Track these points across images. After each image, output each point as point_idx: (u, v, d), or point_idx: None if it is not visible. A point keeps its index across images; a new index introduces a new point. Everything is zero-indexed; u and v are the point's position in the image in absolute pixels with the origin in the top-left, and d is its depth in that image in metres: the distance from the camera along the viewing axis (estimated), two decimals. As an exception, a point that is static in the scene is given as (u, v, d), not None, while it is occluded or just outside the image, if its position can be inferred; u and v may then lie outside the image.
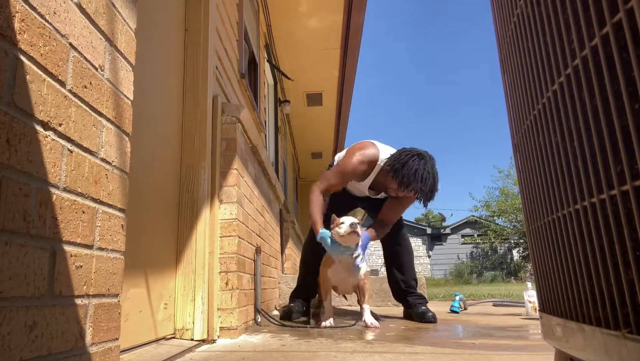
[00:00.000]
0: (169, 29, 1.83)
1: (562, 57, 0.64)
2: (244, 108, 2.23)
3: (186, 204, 1.85)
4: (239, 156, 2.11)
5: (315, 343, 1.80)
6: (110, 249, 0.87)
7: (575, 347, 0.69)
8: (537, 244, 0.86)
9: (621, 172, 0.51)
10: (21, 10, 0.64)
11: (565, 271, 0.71)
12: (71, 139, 0.75)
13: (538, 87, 0.75)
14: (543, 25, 0.71)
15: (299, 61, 5.65)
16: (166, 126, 1.76)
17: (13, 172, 0.61)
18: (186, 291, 1.76)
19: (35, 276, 0.64)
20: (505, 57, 0.95)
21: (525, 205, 0.92)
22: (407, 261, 2.85)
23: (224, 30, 2.49)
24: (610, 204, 0.54)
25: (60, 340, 0.69)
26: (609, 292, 0.56)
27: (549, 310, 0.82)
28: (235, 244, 1.97)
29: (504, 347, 1.70)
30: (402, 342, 1.83)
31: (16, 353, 0.59)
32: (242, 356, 1.51)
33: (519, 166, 0.94)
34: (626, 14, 0.48)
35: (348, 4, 4.54)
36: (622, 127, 0.50)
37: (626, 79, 0.48)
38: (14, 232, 0.61)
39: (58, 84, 0.72)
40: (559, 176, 0.69)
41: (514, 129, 0.95)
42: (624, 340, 0.52)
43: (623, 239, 0.51)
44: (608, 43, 0.51)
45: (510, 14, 0.88)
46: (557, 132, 0.68)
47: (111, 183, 0.88)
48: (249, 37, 3.69)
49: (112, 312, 0.86)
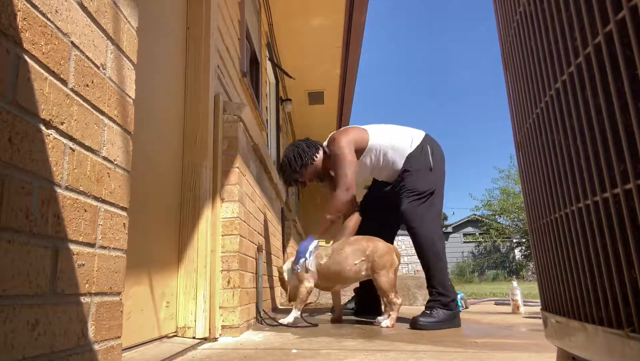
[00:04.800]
0: (170, 28, 1.83)
1: (565, 55, 0.64)
2: (246, 107, 2.23)
3: (188, 202, 1.85)
4: (240, 154, 2.11)
5: (317, 341, 1.80)
6: (112, 248, 0.87)
7: (578, 346, 0.69)
8: (540, 242, 0.86)
9: (624, 170, 0.50)
10: (23, 9, 0.64)
11: (568, 270, 0.71)
12: (73, 138, 0.75)
13: (541, 86, 0.75)
14: (546, 23, 0.70)
15: (300, 59, 5.65)
16: (168, 125, 1.76)
17: (15, 171, 0.61)
18: (188, 289, 1.77)
19: (38, 274, 0.64)
20: (508, 56, 0.95)
21: (528, 204, 0.92)
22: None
23: (225, 28, 2.49)
24: (613, 203, 0.54)
25: (63, 338, 0.70)
26: (611, 291, 0.56)
27: (552, 309, 0.82)
28: (237, 243, 1.98)
29: (506, 346, 1.69)
30: (404, 340, 1.83)
31: (19, 351, 0.60)
32: (244, 354, 1.51)
33: (522, 165, 0.93)
34: (630, 12, 0.47)
35: (350, 2, 4.54)
36: (625, 125, 0.50)
37: (629, 77, 0.48)
38: (17, 230, 0.61)
39: (60, 83, 0.72)
40: (562, 175, 0.69)
41: (516, 128, 0.95)
42: (627, 339, 0.52)
43: (626, 237, 0.51)
44: (611, 41, 0.51)
45: (512, 12, 0.88)
46: (560, 130, 0.68)
47: (113, 181, 0.88)
48: (250, 35, 3.69)
49: (114, 310, 0.87)
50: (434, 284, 2.43)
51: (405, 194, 2.53)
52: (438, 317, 2.29)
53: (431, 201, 2.52)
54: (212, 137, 1.97)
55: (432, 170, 2.56)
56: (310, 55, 5.57)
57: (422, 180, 2.54)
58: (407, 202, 2.51)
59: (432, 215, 2.52)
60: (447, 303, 2.36)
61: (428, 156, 2.58)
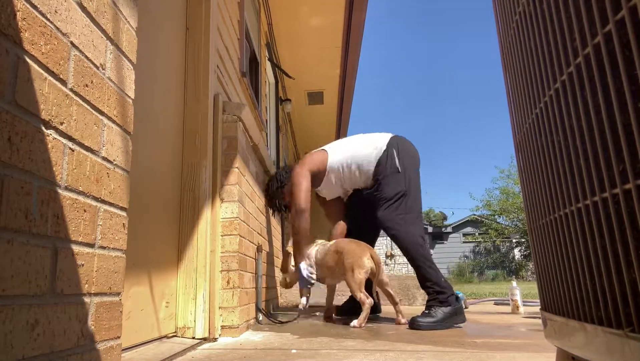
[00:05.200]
0: (170, 28, 1.83)
1: (565, 55, 0.64)
2: (245, 107, 2.23)
3: (187, 202, 1.85)
4: (240, 154, 2.11)
5: (316, 341, 1.80)
6: (112, 248, 0.87)
7: (577, 346, 0.69)
8: (539, 242, 0.86)
9: (623, 170, 0.50)
10: (22, 9, 0.64)
11: (567, 270, 0.71)
12: (72, 138, 0.75)
13: (540, 86, 0.75)
14: (545, 23, 0.70)
15: (300, 59, 5.65)
16: (167, 125, 1.76)
17: (15, 171, 0.61)
18: (188, 289, 1.77)
19: (37, 274, 0.64)
20: (507, 56, 0.95)
21: (527, 204, 0.92)
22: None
23: (225, 28, 2.48)
24: (612, 203, 0.54)
25: (62, 338, 0.70)
26: (611, 291, 0.56)
27: (551, 309, 0.82)
28: (236, 243, 1.98)
29: (506, 346, 1.69)
30: (404, 340, 1.83)
31: (18, 351, 0.60)
32: (244, 354, 1.51)
33: (521, 165, 0.94)
34: (629, 12, 0.47)
35: (349, 2, 4.54)
36: (624, 125, 0.50)
37: (629, 77, 0.48)
38: (16, 230, 0.61)
39: (59, 83, 0.72)
40: (561, 175, 0.69)
41: (516, 128, 0.95)
42: (626, 338, 0.52)
43: (625, 237, 0.51)
44: (610, 41, 0.51)
45: (512, 12, 0.88)
46: (559, 130, 0.68)
47: (113, 181, 0.88)
48: (250, 35, 3.69)
49: (114, 310, 0.87)
50: (428, 285, 2.46)
51: (379, 203, 2.62)
52: (437, 317, 2.29)
53: (405, 203, 2.57)
54: (212, 137, 1.97)
55: (399, 172, 2.61)
56: (309, 55, 5.57)
57: (391, 185, 2.61)
58: (382, 210, 2.60)
59: (410, 218, 2.57)
60: (445, 300, 2.36)
61: (394, 159, 2.64)
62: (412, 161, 2.71)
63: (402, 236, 2.54)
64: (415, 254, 2.49)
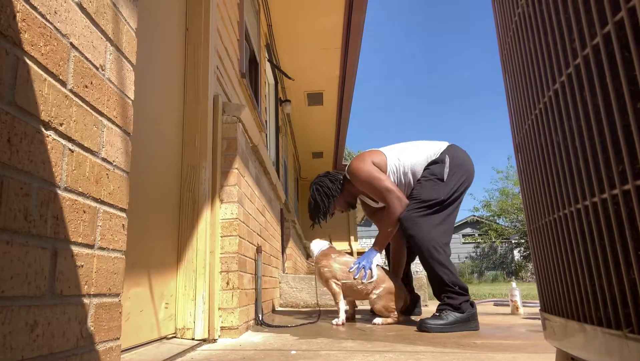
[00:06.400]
0: (169, 29, 1.83)
1: (564, 56, 0.64)
2: (245, 108, 2.23)
3: (187, 203, 1.85)
4: (239, 155, 2.11)
5: (316, 342, 1.80)
6: (112, 249, 0.87)
7: (577, 347, 0.69)
8: (539, 243, 0.86)
9: (622, 171, 0.50)
10: (22, 10, 0.64)
11: (567, 271, 0.71)
12: (72, 139, 0.75)
13: (539, 87, 0.75)
14: (544, 24, 0.70)
15: (299, 60, 5.65)
16: (167, 126, 1.76)
17: (14, 172, 0.61)
18: (187, 290, 1.76)
19: (37, 275, 0.64)
20: (507, 57, 0.95)
21: (527, 205, 0.92)
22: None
23: (224, 29, 2.49)
24: (611, 204, 0.54)
25: (62, 339, 0.70)
26: (610, 292, 0.56)
27: (551, 310, 0.82)
28: (236, 244, 1.98)
29: (505, 347, 1.69)
30: (403, 341, 1.83)
31: (17, 353, 0.60)
32: (243, 355, 1.51)
33: (520, 166, 0.94)
34: (628, 13, 0.47)
35: (349, 3, 4.54)
36: (623, 126, 0.50)
37: (628, 78, 0.48)
38: (16, 231, 0.61)
39: (59, 84, 0.72)
40: (561, 176, 0.69)
41: (515, 129, 0.95)
42: (626, 339, 0.52)
43: (624, 238, 0.51)
44: (610, 42, 0.51)
45: (511, 13, 0.88)
46: (559, 131, 0.68)
47: (112, 182, 0.88)
48: (249, 36, 3.69)
49: (113, 311, 0.87)
50: (440, 292, 2.38)
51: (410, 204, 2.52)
52: (447, 320, 2.22)
53: (434, 211, 2.46)
54: (211, 138, 1.97)
55: (443, 181, 2.50)
56: (309, 56, 5.57)
57: (428, 190, 2.50)
58: (407, 210, 2.50)
59: (433, 222, 2.44)
60: (457, 306, 2.29)
61: (444, 167, 2.53)
62: (459, 171, 2.55)
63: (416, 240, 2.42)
64: (427, 260, 2.39)
